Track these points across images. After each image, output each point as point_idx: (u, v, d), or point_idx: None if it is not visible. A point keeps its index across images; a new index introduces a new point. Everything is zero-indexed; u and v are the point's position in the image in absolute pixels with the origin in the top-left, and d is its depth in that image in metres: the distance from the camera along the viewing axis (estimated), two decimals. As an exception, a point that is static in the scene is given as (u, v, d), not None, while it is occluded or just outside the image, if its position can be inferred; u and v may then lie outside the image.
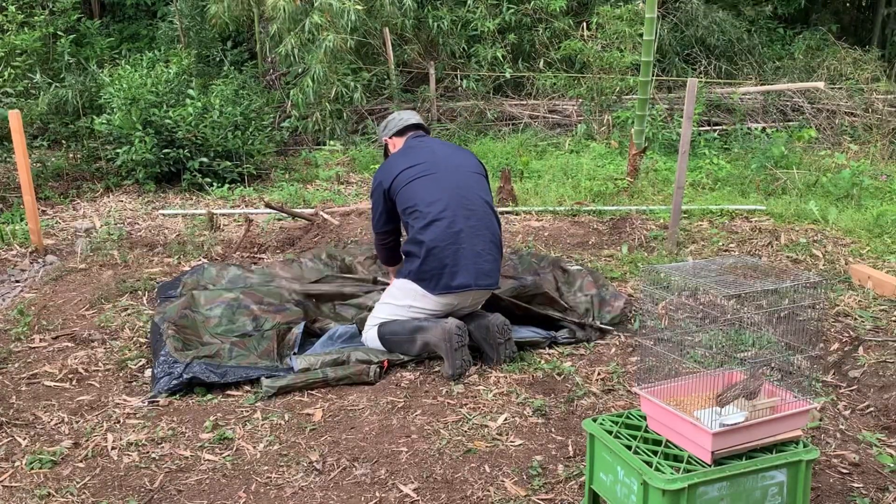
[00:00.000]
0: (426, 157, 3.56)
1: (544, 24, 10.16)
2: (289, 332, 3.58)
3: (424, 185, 3.47)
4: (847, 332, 3.66)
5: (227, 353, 3.38)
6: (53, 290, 4.42)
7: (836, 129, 8.68)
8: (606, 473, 2.18)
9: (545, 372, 3.35)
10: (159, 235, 5.60)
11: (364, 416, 3.02)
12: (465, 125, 9.19)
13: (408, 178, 3.51)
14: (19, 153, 5.03)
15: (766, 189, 6.61)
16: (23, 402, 3.15)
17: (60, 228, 5.83)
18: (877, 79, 9.68)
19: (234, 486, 2.57)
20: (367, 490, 2.54)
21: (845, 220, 5.53)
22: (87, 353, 3.57)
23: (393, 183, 3.54)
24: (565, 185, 6.79)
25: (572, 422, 2.95)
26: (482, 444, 2.80)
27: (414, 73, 10.12)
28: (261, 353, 3.43)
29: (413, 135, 3.78)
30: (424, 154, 3.59)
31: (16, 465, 2.70)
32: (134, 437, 2.85)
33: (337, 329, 3.64)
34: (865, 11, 14.02)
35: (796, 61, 10.48)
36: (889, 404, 3.04)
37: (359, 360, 3.37)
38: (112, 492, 2.55)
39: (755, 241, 5.14)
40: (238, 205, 6.56)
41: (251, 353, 3.43)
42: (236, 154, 7.17)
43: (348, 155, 8.29)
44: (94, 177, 7.31)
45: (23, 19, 7.61)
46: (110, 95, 7.11)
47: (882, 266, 4.61)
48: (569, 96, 9.56)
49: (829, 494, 2.49)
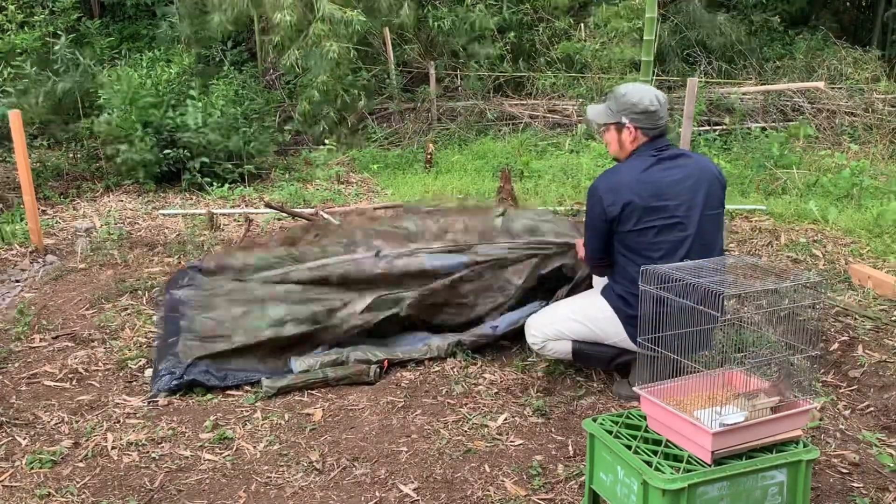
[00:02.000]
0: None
1: (544, 23, 10.16)
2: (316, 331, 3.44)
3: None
4: (847, 332, 3.66)
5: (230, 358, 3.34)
6: (53, 289, 4.42)
7: (837, 129, 8.68)
8: (606, 473, 2.18)
9: (545, 371, 3.35)
10: (159, 235, 5.59)
11: (364, 416, 3.02)
12: (465, 125, 9.19)
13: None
14: (19, 153, 5.03)
15: (766, 189, 6.61)
16: (23, 402, 3.15)
17: (60, 228, 5.83)
18: (877, 79, 9.68)
19: (234, 486, 2.57)
20: (367, 490, 2.54)
21: (845, 220, 5.53)
22: (87, 353, 3.57)
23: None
24: (565, 185, 6.79)
25: (572, 422, 2.95)
26: (482, 443, 2.80)
27: (414, 72, 10.12)
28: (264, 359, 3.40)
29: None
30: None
31: (16, 465, 2.70)
32: (134, 437, 2.85)
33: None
34: (865, 11, 14.02)
35: (796, 61, 10.48)
36: (889, 404, 3.04)
37: (357, 359, 3.37)
38: (112, 491, 2.55)
39: (755, 241, 5.14)
40: (238, 205, 6.55)
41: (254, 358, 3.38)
42: (236, 154, 7.17)
43: (348, 155, 8.29)
44: (94, 176, 7.31)
45: (22, 19, 7.61)
46: (110, 95, 7.10)
47: (882, 266, 4.61)
48: (569, 96, 9.56)
49: (829, 494, 2.49)
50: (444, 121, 9.37)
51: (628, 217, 2.84)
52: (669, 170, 2.87)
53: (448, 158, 7.94)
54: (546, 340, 3.14)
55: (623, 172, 2.91)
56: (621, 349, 3.05)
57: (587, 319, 3.06)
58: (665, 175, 2.86)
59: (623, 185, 2.85)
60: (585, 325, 3.07)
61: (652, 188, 2.83)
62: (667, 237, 2.83)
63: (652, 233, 2.84)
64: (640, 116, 2.89)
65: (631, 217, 2.84)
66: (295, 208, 5.96)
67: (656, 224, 2.83)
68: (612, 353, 3.09)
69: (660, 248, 2.83)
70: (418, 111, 9.43)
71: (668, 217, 2.82)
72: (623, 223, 2.86)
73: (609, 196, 2.87)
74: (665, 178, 2.85)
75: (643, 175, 2.86)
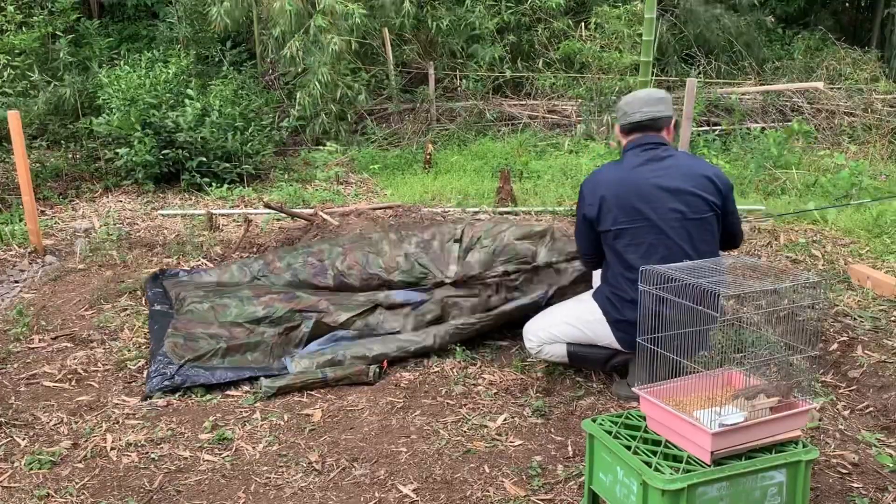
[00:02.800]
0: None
1: (543, 24, 10.16)
2: (297, 328, 3.56)
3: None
4: (846, 333, 3.66)
5: (220, 358, 3.39)
6: (52, 290, 4.42)
7: (836, 130, 8.68)
8: (606, 474, 2.18)
9: (545, 372, 3.35)
10: (158, 236, 5.59)
11: (363, 417, 3.02)
12: (465, 125, 9.19)
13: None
14: (18, 153, 5.02)
15: (766, 189, 6.62)
16: (22, 403, 3.14)
17: (59, 229, 5.82)
18: (876, 79, 9.69)
19: (233, 487, 2.57)
20: (367, 490, 2.54)
21: (844, 221, 5.53)
22: (86, 354, 3.57)
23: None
24: (564, 185, 6.79)
25: (572, 422, 2.95)
26: (482, 444, 2.80)
27: (413, 73, 10.12)
28: (255, 359, 3.43)
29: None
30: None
31: (15, 466, 2.70)
32: (133, 438, 2.85)
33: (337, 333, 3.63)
34: (864, 11, 14.03)
35: (795, 61, 10.49)
36: (888, 404, 3.04)
37: (354, 356, 3.36)
38: (111, 492, 2.55)
39: (754, 242, 5.14)
40: (237, 205, 6.55)
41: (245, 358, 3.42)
42: (235, 154, 7.17)
43: (348, 155, 8.29)
44: (93, 177, 7.31)
45: (21, 19, 7.60)
46: (109, 96, 7.10)
47: (881, 266, 4.61)
48: (568, 96, 9.57)
49: (829, 494, 2.49)
50: (443, 121, 9.38)
51: (605, 216, 2.88)
52: (654, 171, 2.88)
53: (447, 159, 7.94)
54: (542, 344, 3.17)
55: (605, 171, 2.98)
56: (615, 350, 3.07)
57: (579, 322, 3.09)
58: (649, 177, 2.87)
59: (601, 182, 2.92)
60: (578, 327, 3.09)
61: (631, 188, 2.85)
62: (644, 239, 2.84)
63: (629, 234, 2.86)
64: (618, 114, 3.03)
65: (607, 216, 2.87)
66: (294, 209, 5.96)
67: (633, 226, 2.85)
68: (607, 355, 3.10)
69: (638, 251, 2.84)
70: (417, 111, 9.43)
71: (643, 220, 2.84)
72: (601, 222, 2.90)
73: (589, 194, 2.94)
74: (648, 181, 2.86)
75: (627, 173, 2.89)
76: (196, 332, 3.51)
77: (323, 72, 8.18)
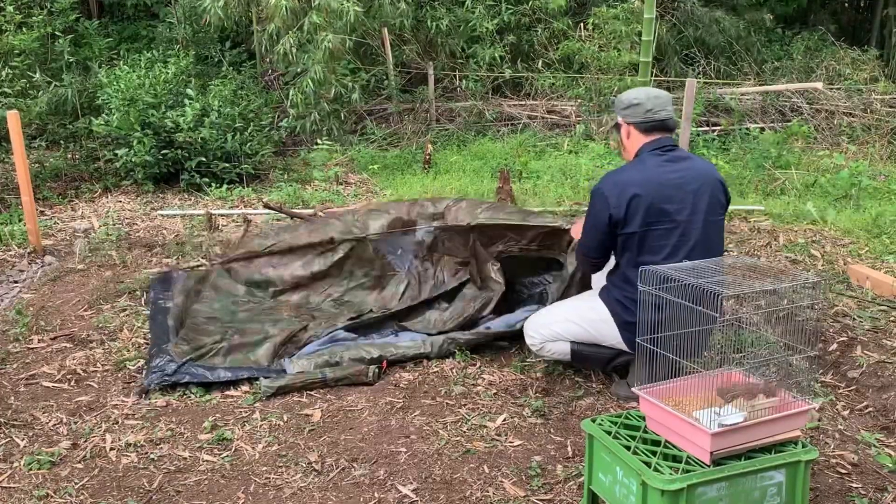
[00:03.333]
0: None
1: (543, 24, 10.16)
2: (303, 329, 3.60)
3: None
4: (846, 333, 3.66)
5: (222, 357, 3.40)
6: (52, 290, 4.42)
7: (835, 130, 8.69)
8: (605, 474, 2.18)
9: (544, 372, 3.35)
10: (158, 236, 5.59)
11: (363, 417, 3.02)
12: (464, 125, 9.19)
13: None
14: (18, 154, 5.02)
15: (765, 189, 6.62)
16: (21, 403, 3.14)
17: (59, 229, 5.82)
18: (875, 79, 9.69)
19: (232, 487, 2.57)
20: (366, 491, 2.54)
21: (844, 221, 5.53)
22: (85, 354, 3.57)
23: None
24: (564, 185, 6.79)
25: (571, 422, 2.95)
26: (481, 444, 2.80)
27: (413, 73, 10.11)
28: (258, 357, 3.44)
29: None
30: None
31: (14, 466, 2.70)
32: (132, 438, 2.85)
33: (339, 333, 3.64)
34: (864, 12, 14.04)
35: (795, 62, 10.49)
36: (888, 404, 3.04)
37: (352, 358, 3.36)
38: (111, 492, 2.55)
39: (754, 242, 5.14)
40: (237, 205, 6.55)
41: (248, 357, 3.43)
42: (234, 155, 7.16)
43: (347, 155, 8.28)
44: (92, 177, 7.30)
45: (21, 19, 7.59)
46: (108, 96, 7.10)
47: (880, 266, 4.61)
48: (567, 97, 9.56)
49: (828, 495, 2.49)
50: (442, 121, 9.37)
51: (633, 216, 2.81)
52: (675, 172, 2.86)
53: (447, 159, 7.94)
54: (544, 342, 3.14)
55: (627, 171, 2.91)
56: (619, 350, 3.05)
57: (584, 321, 3.07)
58: (671, 177, 2.84)
59: (628, 183, 2.84)
60: (582, 326, 3.07)
61: (658, 187, 2.82)
62: (668, 241, 2.82)
63: (654, 236, 2.82)
64: (628, 111, 2.95)
65: (636, 216, 2.81)
66: (293, 209, 5.96)
67: (659, 228, 2.82)
68: (611, 355, 3.09)
69: (661, 252, 2.81)
70: (417, 112, 9.42)
71: (670, 221, 2.82)
72: (628, 223, 2.83)
73: (614, 195, 2.83)
74: (671, 181, 2.83)
75: (650, 173, 2.85)
76: (200, 329, 3.54)
77: (316, 69, 8.17)
